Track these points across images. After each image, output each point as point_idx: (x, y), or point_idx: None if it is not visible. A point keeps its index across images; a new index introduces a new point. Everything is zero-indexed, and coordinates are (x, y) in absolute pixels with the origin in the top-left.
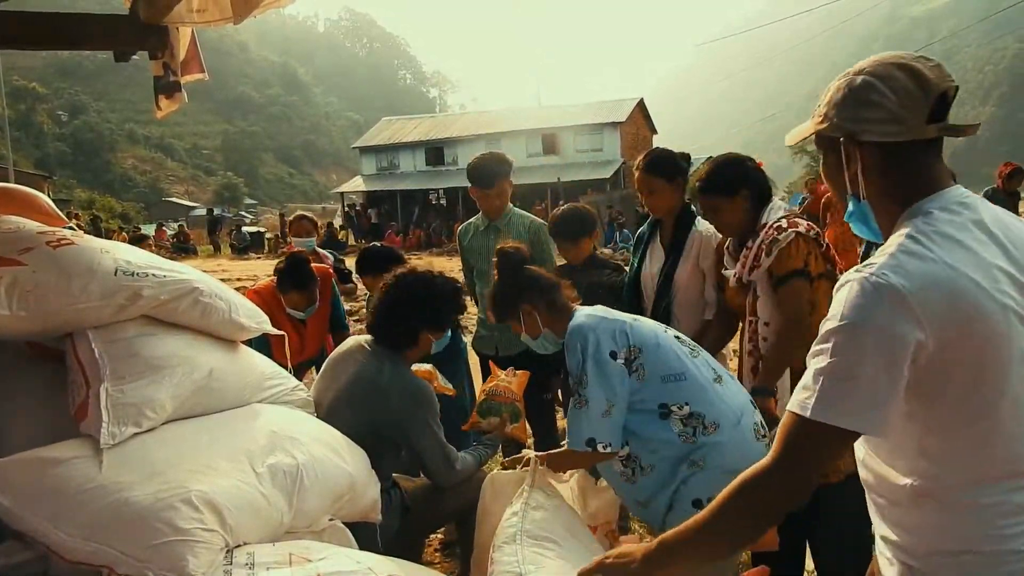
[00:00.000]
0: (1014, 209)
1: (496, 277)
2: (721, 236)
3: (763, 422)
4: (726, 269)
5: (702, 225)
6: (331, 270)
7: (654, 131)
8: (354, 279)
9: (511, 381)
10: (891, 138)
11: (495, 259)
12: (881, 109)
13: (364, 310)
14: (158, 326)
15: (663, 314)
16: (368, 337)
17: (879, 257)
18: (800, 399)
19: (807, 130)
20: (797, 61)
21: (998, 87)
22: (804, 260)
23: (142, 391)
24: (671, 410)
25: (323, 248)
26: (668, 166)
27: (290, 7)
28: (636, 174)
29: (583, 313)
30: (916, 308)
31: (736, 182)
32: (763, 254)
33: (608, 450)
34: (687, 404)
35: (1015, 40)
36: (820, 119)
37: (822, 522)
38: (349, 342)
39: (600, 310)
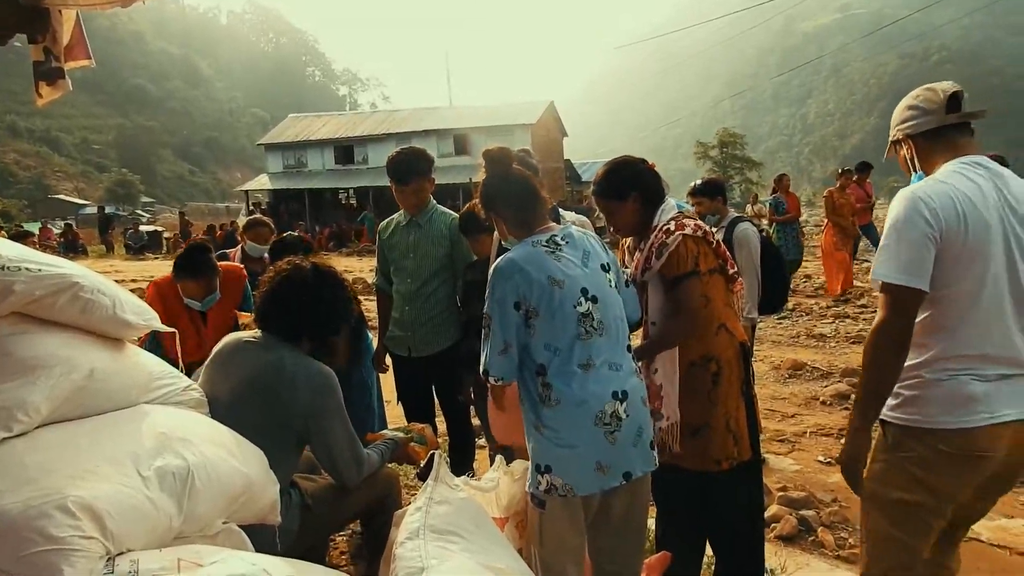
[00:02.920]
0: None
1: (485, 174)
2: (621, 236)
3: (619, 412)
4: (626, 269)
5: (570, 216)
6: (244, 272)
7: (564, 134)
8: None
9: (426, 431)
10: (927, 127)
11: (482, 161)
12: (918, 110)
13: None
14: (33, 324)
15: None
16: (253, 332)
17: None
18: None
19: (888, 148)
20: (700, 70)
21: (881, 100)
22: (695, 260)
23: (13, 393)
24: (544, 373)
25: (225, 247)
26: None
27: None
28: None
29: (514, 253)
30: (934, 208)
31: (626, 186)
32: (653, 256)
33: (500, 383)
34: (547, 375)
35: (896, 56)
36: (893, 135)
37: (715, 510)
38: (233, 336)
39: (532, 255)
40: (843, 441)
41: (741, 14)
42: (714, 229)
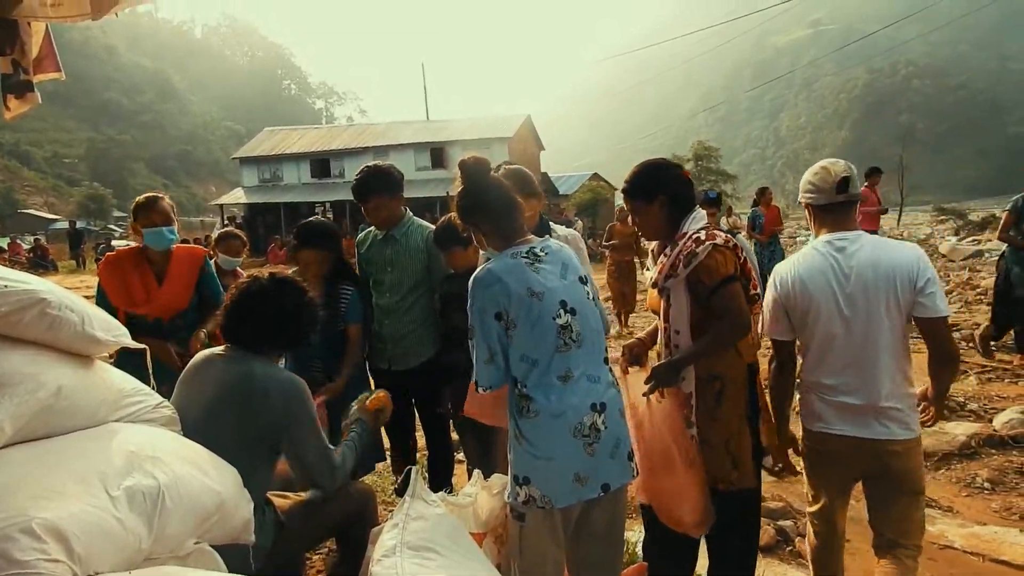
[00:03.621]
0: None
1: (462, 185)
2: (646, 239)
3: (598, 423)
4: (647, 270)
5: (561, 231)
6: (203, 251)
7: (541, 147)
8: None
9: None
10: (819, 202)
11: (459, 171)
12: (814, 187)
13: None
14: None
15: None
16: (221, 347)
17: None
18: None
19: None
20: (676, 83)
21: (851, 113)
22: (735, 266)
23: None
24: (523, 384)
25: None
26: (528, 185)
27: (164, 11)
28: None
29: (493, 264)
30: (778, 286)
31: (654, 188)
32: (680, 264)
33: (489, 391)
34: (526, 386)
35: (865, 71)
36: (799, 198)
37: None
38: (202, 353)
39: (512, 266)
40: None
41: (715, 29)
42: None
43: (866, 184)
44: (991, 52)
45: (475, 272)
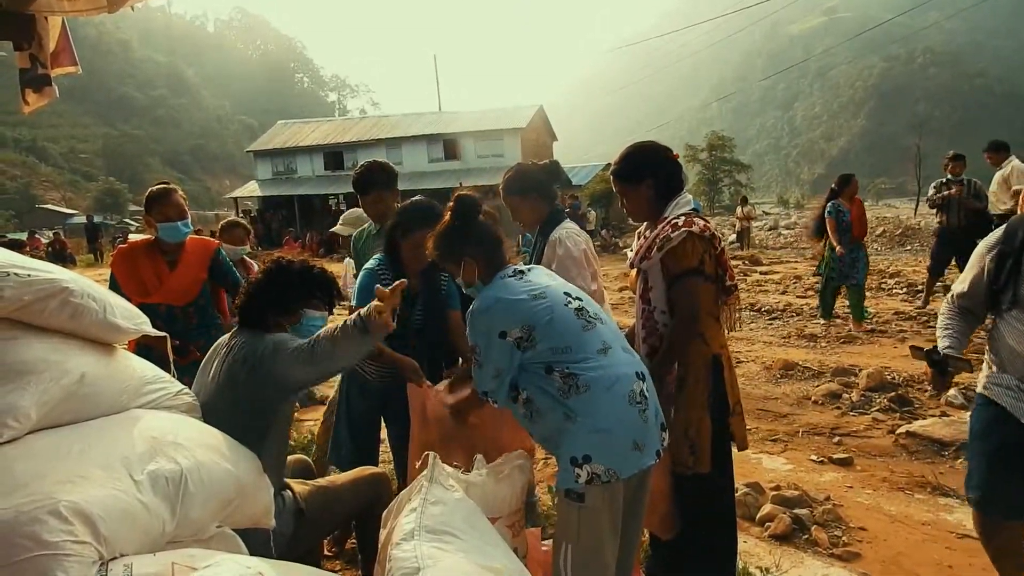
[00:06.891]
0: None
1: (448, 218)
2: (633, 220)
3: (644, 391)
4: (628, 251)
5: (556, 234)
6: (215, 243)
7: (554, 138)
8: None
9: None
10: None
11: (450, 202)
12: None
13: None
14: (22, 329)
15: None
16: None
17: None
18: None
19: None
20: (688, 73)
21: (867, 102)
22: (700, 258)
23: (3, 399)
24: (554, 369)
25: None
26: (525, 184)
27: (177, 5)
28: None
29: (488, 289)
30: None
31: (641, 171)
32: (655, 247)
33: (496, 404)
34: (567, 367)
35: (880, 59)
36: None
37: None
38: (219, 340)
39: (504, 285)
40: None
41: (728, 17)
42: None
43: None
44: (1009, 40)
45: (473, 304)
